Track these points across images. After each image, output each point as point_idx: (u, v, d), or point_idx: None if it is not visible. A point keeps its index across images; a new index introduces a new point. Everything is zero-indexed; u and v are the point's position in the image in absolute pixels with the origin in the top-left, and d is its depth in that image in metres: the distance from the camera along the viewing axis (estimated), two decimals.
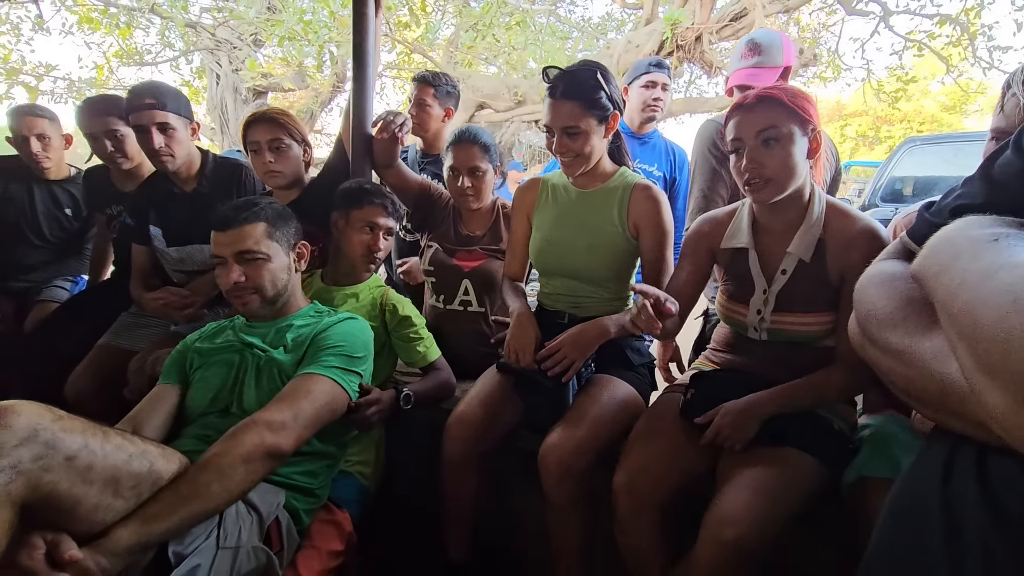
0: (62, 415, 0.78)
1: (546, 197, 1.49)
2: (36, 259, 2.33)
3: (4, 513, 0.69)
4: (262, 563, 1.02)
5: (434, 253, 1.75)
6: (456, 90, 2.18)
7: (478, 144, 1.66)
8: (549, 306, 1.51)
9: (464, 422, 1.32)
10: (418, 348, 1.49)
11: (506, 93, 8.29)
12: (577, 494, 1.20)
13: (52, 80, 7.90)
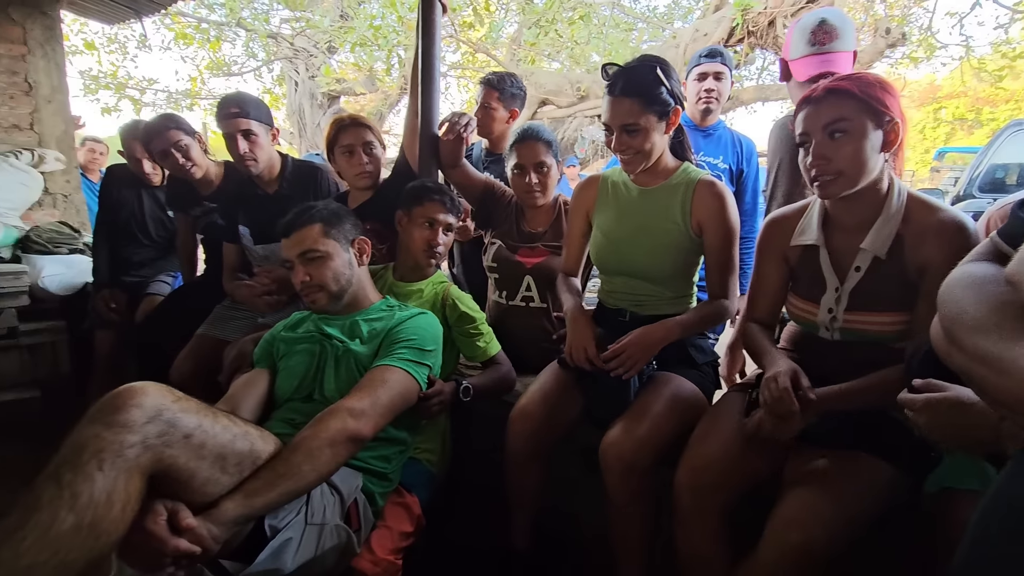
0: (181, 396, 0.88)
1: (606, 194, 1.49)
2: (144, 256, 2.60)
3: (135, 482, 0.80)
4: (343, 540, 1.11)
5: (497, 250, 1.80)
6: (522, 91, 2.22)
7: (542, 140, 1.69)
8: (610, 304, 1.51)
9: (526, 416, 1.36)
10: (478, 343, 1.54)
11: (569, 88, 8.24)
12: (638, 491, 1.21)
13: (153, 92, 8.66)
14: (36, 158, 3.15)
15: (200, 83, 8.80)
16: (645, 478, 1.20)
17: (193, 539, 0.85)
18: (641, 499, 1.23)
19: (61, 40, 3.39)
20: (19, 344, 2.79)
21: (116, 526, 0.76)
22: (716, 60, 2.07)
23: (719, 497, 1.10)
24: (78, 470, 0.75)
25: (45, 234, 2.97)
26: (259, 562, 0.97)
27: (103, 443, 0.77)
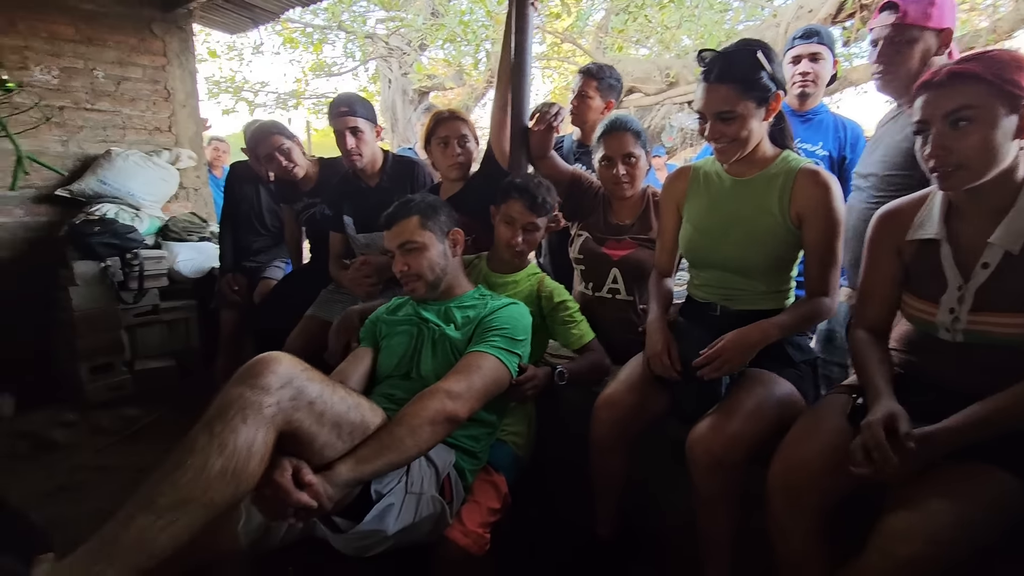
0: (307, 367, 0.98)
1: (697, 185, 1.45)
2: (261, 244, 2.88)
3: (270, 438, 0.90)
4: (437, 511, 1.19)
5: (584, 242, 1.81)
6: (619, 83, 2.21)
7: (630, 131, 1.68)
8: (700, 297, 1.48)
9: (612, 405, 1.36)
10: (573, 330, 1.57)
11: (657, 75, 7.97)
12: (726, 488, 1.18)
13: (265, 94, 9.46)
14: (173, 156, 3.57)
15: (304, 84, 9.49)
16: (734, 475, 1.17)
17: (312, 494, 0.94)
18: (729, 495, 1.20)
19: (193, 51, 3.81)
20: (160, 320, 3.21)
21: (253, 475, 0.87)
22: (812, 41, 1.94)
23: (813, 499, 1.05)
24: (226, 423, 0.86)
25: (180, 224, 3.37)
26: (366, 522, 1.07)
27: (246, 402, 0.88)
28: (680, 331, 1.40)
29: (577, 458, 1.45)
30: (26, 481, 2.29)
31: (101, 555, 0.75)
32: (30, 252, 3.21)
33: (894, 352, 1.21)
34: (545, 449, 1.61)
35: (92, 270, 2.96)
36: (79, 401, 2.93)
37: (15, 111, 3.04)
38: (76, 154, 3.32)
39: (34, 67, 3.13)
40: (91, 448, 2.60)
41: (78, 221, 3.03)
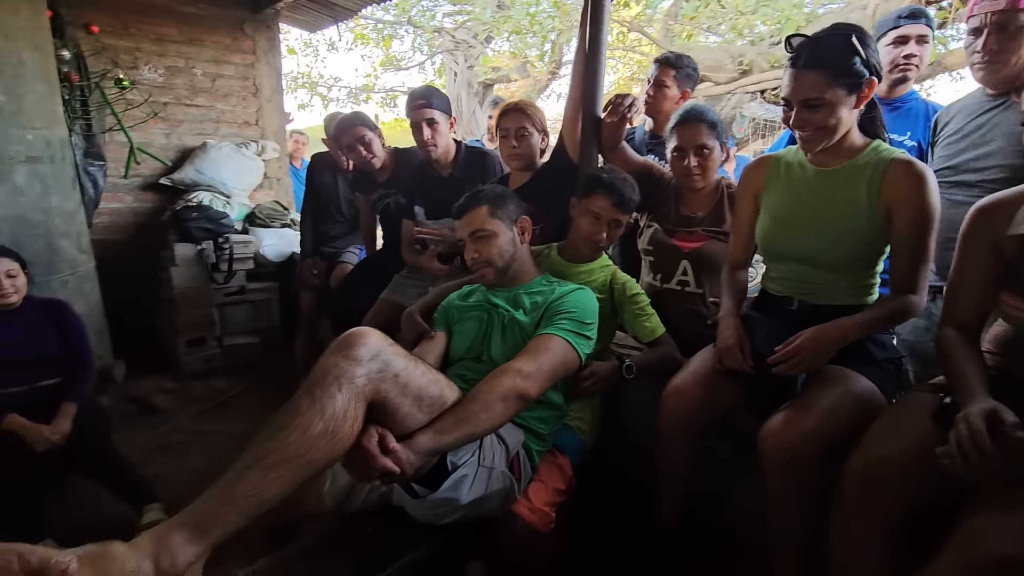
0: (392, 343, 1.05)
1: (777, 176, 1.41)
2: (338, 231, 3.04)
3: (359, 407, 0.98)
4: (507, 486, 1.25)
5: (653, 233, 1.80)
6: (696, 72, 2.18)
7: (705, 122, 1.65)
8: (775, 291, 1.44)
9: (679, 395, 1.37)
10: (645, 323, 1.58)
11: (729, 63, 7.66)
12: (800, 483, 1.16)
13: (338, 89, 9.88)
14: (260, 148, 3.83)
15: (374, 78, 9.83)
16: (808, 471, 1.15)
17: (395, 460, 1.00)
18: (801, 491, 1.17)
19: (279, 49, 4.05)
20: (246, 300, 3.47)
21: (347, 437, 0.95)
22: (920, 22, 1.81)
23: (892, 497, 1.01)
24: (324, 389, 0.94)
25: (265, 211, 3.62)
26: (442, 489, 1.13)
27: (341, 371, 0.96)
28: (753, 324, 1.37)
29: (642, 447, 1.47)
30: (134, 439, 2.56)
31: (222, 500, 0.84)
32: (138, 235, 3.56)
33: (987, 355, 1.15)
34: (610, 436, 1.64)
35: (190, 252, 3.24)
36: (177, 371, 3.24)
37: (128, 107, 3.37)
38: (177, 146, 3.64)
39: (143, 66, 3.45)
40: (187, 414, 2.87)
41: (178, 207, 3.33)
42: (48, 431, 1.86)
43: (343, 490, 1.28)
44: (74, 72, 2.97)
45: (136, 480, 2.02)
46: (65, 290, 2.48)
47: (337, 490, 1.28)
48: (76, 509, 2.09)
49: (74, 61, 2.98)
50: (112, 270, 3.10)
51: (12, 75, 2.27)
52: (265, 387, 3.17)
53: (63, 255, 2.52)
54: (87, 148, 3.05)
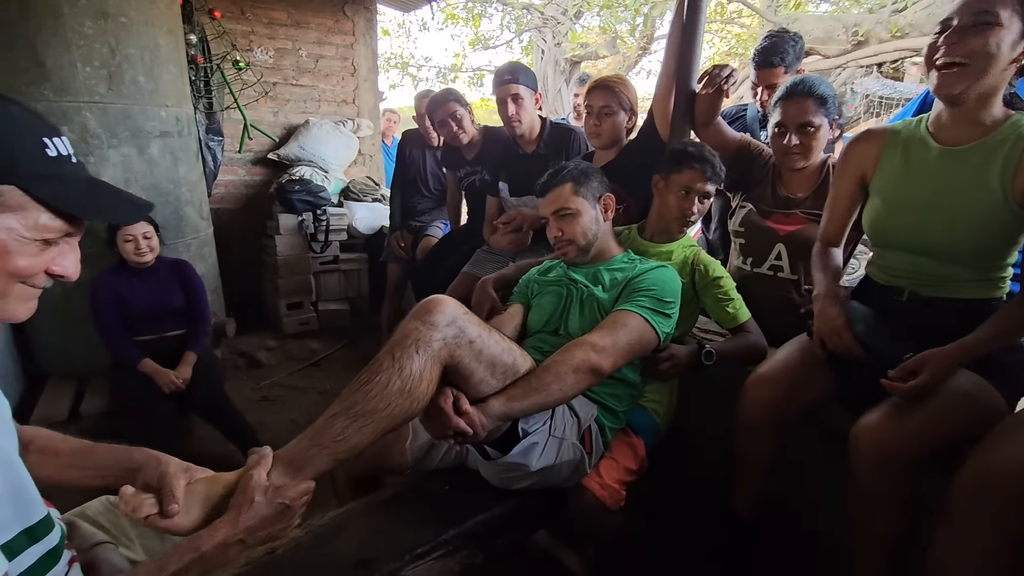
0: (468, 311, 1.09)
1: (893, 153, 1.26)
2: (424, 206, 3.16)
3: (435, 369, 1.03)
4: (577, 458, 1.26)
5: (747, 214, 1.71)
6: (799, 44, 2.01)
7: (813, 96, 1.51)
8: (883, 280, 1.32)
9: (764, 384, 1.31)
10: (728, 309, 1.51)
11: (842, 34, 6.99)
12: (895, 485, 1.08)
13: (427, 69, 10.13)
14: (355, 126, 4.04)
15: (462, 58, 9.96)
16: (906, 473, 1.06)
17: (468, 422, 1.05)
18: (895, 496, 1.09)
19: (376, 30, 4.22)
20: (339, 269, 3.72)
21: (423, 396, 1.01)
22: None
23: (1011, 515, 0.92)
24: (404, 350, 1.00)
25: (358, 185, 3.83)
26: (513, 454, 1.17)
27: (419, 334, 1.02)
28: (852, 313, 1.27)
29: (720, 433, 1.43)
30: (240, 390, 2.85)
31: (313, 442, 0.93)
32: (248, 205, 3.91)
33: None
34: (686, 420, 1.60)
35: (292, 223, 3.51)
36: (278, 330, 3.55)
37: (243, 86, 3.67)
38: (283, 123, 3.93)
39: (256, 49, 3.73)
40: (285, 370, 3.14)
41: (283, 180, 3.60)
42: (173, 375, 2.12)
43: (423, 447, 1.36)
44: (199, 55, 3.28)
45: (242, 425, 2.26)
46: (188, 252, 2.77)
47: (418, 446, 1.36)
48: (192, 445, 2.38)
49: (199, 45, 3.29)
50: (225, 236, 3.43)
51: (150, 58, 2.55)
52: (352, 350, 3.39)
53: (188, 221, 2.83)
54: (208, 124, 3.37)
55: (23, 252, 0.63)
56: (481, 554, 1.22)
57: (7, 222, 0.61)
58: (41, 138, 0.64)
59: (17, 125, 0.62)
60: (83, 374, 2.53)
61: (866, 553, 1.17)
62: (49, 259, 0.66)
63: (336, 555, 1.09)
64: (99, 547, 0.89)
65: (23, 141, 0.62)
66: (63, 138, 0.67)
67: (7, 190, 0.61)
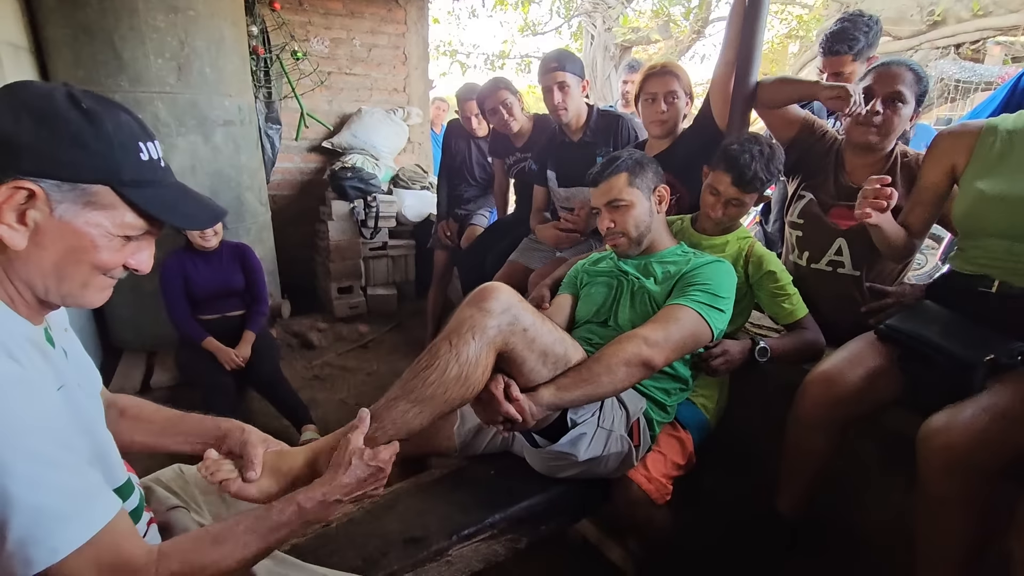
0: (522, 299, 1.09)
1: (991, 145, 1.21)
2: (470, 194, 3.17)
3: (490, 354, 1.04)
4: (624, 450, 1.26)
5: (807, 204, 1.63)
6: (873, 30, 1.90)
7: (911, 71, 1.42)
8: (969, 271, 1.25)
9: (828, 382, 1.25)
10: (784, 304, 1.46)
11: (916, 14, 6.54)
12: (967, 492, 1.02)
13: (476, 56, 10.13)
14: (406, 114, 4.09)
15: (511, 44, 9.90)
16: (979, 481, 1.00)
17: (518, 408, 1.06)
18: (967, 505, 1.03)
19: (427, 19, 4.25)
20: (387, 255, 3.80)
21: (477, 382, 1.03)
22: None
23: None
24: (460, 337, 1.02)
25: (408, 173, 3.89)
26: (561, 443, 1.18)
27: (475, 321, 1.03)
28: (926, 313, 1.21)
29: (770, 431, 1.39)
30: (294, 369, 2.98)
31: (376, 421, 0.97)
32: (303, 191, 4.04)
33: None
34: (736, 418, 1.56)
35: (343, 209, 3.61)
36: (329, 313, 3.67)
37: (301, 76, 3.78)
38: (337, 111, 4.03)
39: (313, 39, 3.83)
40: (335, 351, 3.26)
41: (336, 167, 3.70)
42: (234, 353, 2.24)
43: (470, 431, 1.39)
44: (260, 45, 3.40)
45: (296, 402, 2.36)
46: (248, 236, 2.91)
47: (465, 431, 1.39)
48: (249, 419, 2.50)
49: (260, 36, 3.41)
50: (281, 221, 3.56)
51: (216, 49, 2.66)
52: (399, 334, 3.48)
53: (248, 206, 2.96)
54: (267, 113, 3.50)
55: (107, 247, 0.68)
56: (525, 539, 1.24)
57: (98, 219, 0.66)
58: (137, 143, 0.68)
59: (123, 132, 0.67)
60: (153, 348, 2.71)
61: (931, 566, 1.12)
62: (128, 254, 0.71)
63: (387, 531, 1.14)
64: (174, 511, 0.95)
65: (125, 147, 0.67)
66: (156, 142, 0.71)
67: (102, 191, 0.65)
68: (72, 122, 0.63)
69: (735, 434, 1.58)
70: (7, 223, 0.62)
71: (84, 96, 0.65)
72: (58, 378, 0.69)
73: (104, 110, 0.66)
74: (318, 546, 1.08)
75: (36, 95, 0.64)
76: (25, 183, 0.61)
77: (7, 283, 0.66)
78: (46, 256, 0.65)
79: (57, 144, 0.62)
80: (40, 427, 0.60)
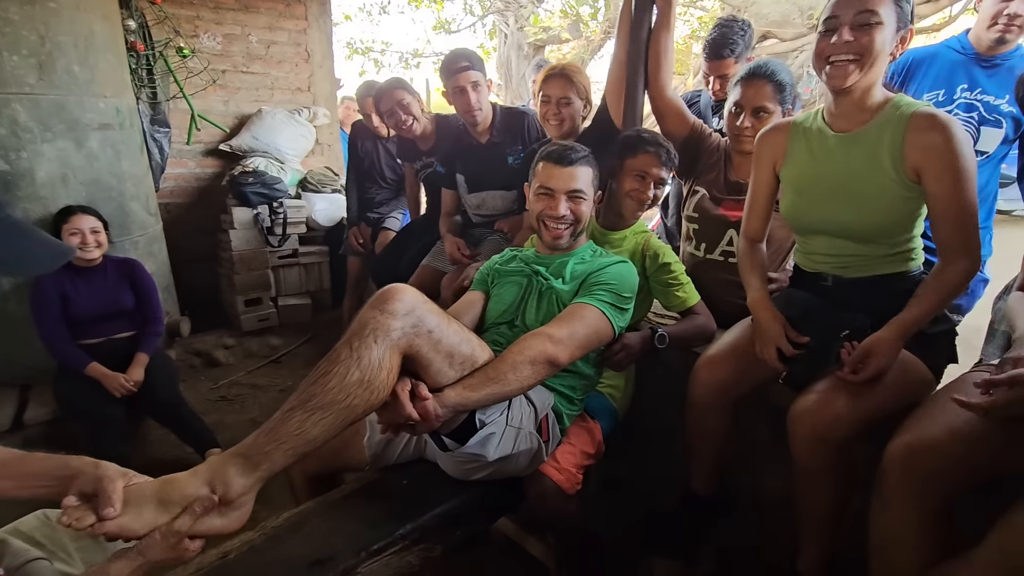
0: (427, 301, 1.07)
1: (797, 144, 1.31)
2: (382, 197, 3.10)
3: (394, 358, 1.01)
4: (534, 446, 1.27)
5: (699, 200, 1.74)
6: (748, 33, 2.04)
7: (772, 82, 1.54)
8: (808, 267, 1.36)
9: (713, 366, 1.34)
10: (677, 293, 1.54)
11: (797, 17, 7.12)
12: (830, 463, 1.13)
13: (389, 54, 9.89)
14: (311, 114, 3.92)
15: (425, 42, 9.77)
16: (840, 451, 1.11)
17: (422, 410, 1.03)
18: (833, 471, 1.14)
19: (330, 14, 4.09)
20: (299, 263, 3.63)
21: (382, 386, 0.99)
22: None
23: (936, 485, 0.97)
24: (362, 340, 0.98)
25: (316, 176, 3.73)
26: (470, 444, 1.17)
27: (377, 324, 1.00)
28: (788, 300, 1.32)
29: (673, 415, 1.46)
30: (197, 390, 2.78)
31: (270, 437, 0.91)
32: (200, 198, 3.76)
33: None
34: (642, 406, 1.63)
35: (246, 216, 3.40)
36: (236, 328, 3.45)
37: (190, 75, 3.51)
38: (235, 112, 3.78)
39: (203, 34, 3.57)
40: (244, 368, 3.07)
41: (236, 172, 3.48)
42: (123, 379, 2.05)
43: (380, 442, 1.35)
44: (139, 41, 3.12)
45: (199, 426, 2.20)
46: (136, 250, 2.66)
47: (375, 442, 1.35)
48: (147, 449, 2.31)
49: (139, 31, 3.12)
50: (177, 232, 3.30)
51: (84, 45, 2.41)
52: (315, 346, 3.33)
53: (133, 217, 2.70)
54: (153, 115, 3.22)
55: None
56: (440, 546, 1.22)
57: None
58: None
59: None
60: (26, 380, 2.42)
61: (809, 526, 1.23)
62: None
63: (290, 555, 1.08)
64: (32, 564, 0.85)
65: None
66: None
67: None
68: None
69: (642, 420, 1.65)
70: None
71: None
72: None
73: None
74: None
75: None
76: None
77: None
78: None
79: None
80: None
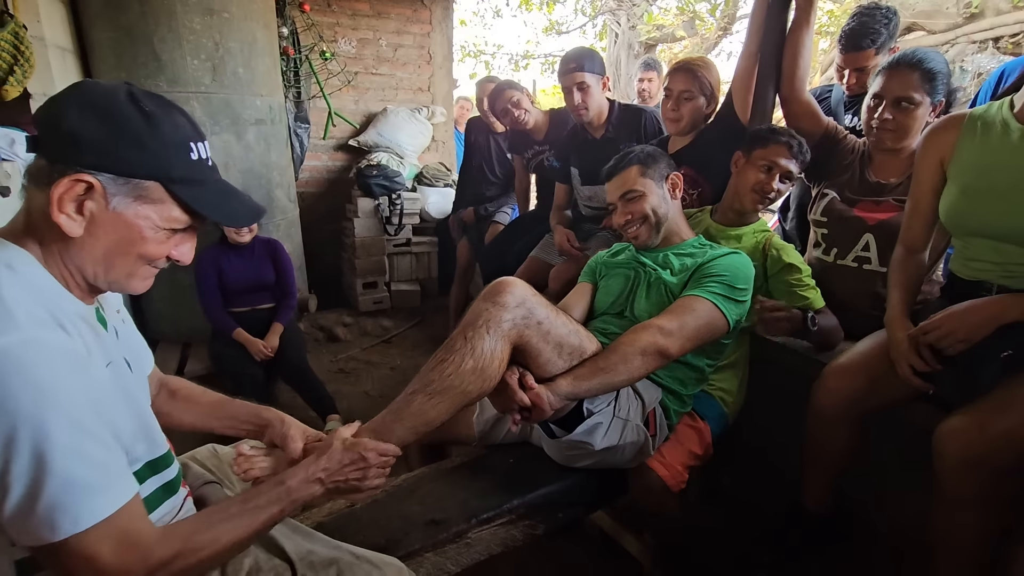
0: (536, 293, 1.12)
1: (972, 138, 1.18)
2: (492, 192, 3.21)
3: (505, 347, 1.07)
4: (640, 440, 1.27)
5: (830, 202, 1.61)
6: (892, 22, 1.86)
7: (920, 70, 1.38)
8: (967, 275, 1.22)
9: (843, 375, 1.25)
10: (803, 293, 1.45)
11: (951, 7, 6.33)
12: (982, 492, 1.01)
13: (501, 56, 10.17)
14: (430, 112, 4.15)
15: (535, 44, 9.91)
16: (998, 479, 0.99)
17: (534, 398, 1.08)
18: (983, 504, 1.03)
19: (452, 18, 4.30)
20: (411, 251, 3.87)
21: (494, 374, 1.06)
22: None
23: None
24: (475, 331, 1.05)
25: (431, 171, 3.95)
26: (577, 432, 1.20)
27: (490, 315, 1.06)
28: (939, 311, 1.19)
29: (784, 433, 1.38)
30: (320, 362, 3.06)
31: (395, 417, 1.01)
32: (330, 189, 4.14)
33: None
34: (751, 418, 1.56)
35: (369, 206, 3.69)
36: (354, 308, 3.75)
37: (329, 76, 3.87)
38: (363, 111, 4.12)
39: (340, 39, 3.92)
40: (360, 346, 3.33)
41: (362, 166, 3.78)
42: (263, 344, 2.32)
43: (489, 421, 1.42)
44: (290, 46, 3.49)
45: (323, 392, 2.43)
46: (277, 232, 2.99)
47: (484, 420, 1.42)
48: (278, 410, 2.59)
49: (290, 37, 3.50)
50: (309, 218, 3.65)
51: (248, 50, 2.75)
52: (422, 330, 3.54)
53: (277, 203, 3.05)
54: (296, 112, 3.59)
55: (154, 239, 0.72)
56: (542, 525, 1.27)
57: (147, 212, 0.70)
58: (189, 143, 0.72)
59: (178, 133, 0.71)
60: (187, 340, 2.82)
61: (950, 562, 1.11)
62: (172, 246, 0.75)
63: (409, 513, 1.17)
64: (208, 486, 1.01)
65: (178, 147, 0.71)
66: (205, 143, 0.76)
67: (153, 186, 0.70)
68: (132, 121, 0.67)
69: (753, 430, 1.58)
70: (67, 212, 0.66)
71: (144, 97, 0.70)
72: (107, 355, 0.74)
73: (162, 111, 0.70)
74: (342, 524, 1.12)
75: (100, 94, 0.68)
76: (85, 176, 0.65)
77: (63, 266, 0.71)
78: (98, 245, 0.70)
79: (117, 141, 0.67)
80: (84, 398, 0.63)
